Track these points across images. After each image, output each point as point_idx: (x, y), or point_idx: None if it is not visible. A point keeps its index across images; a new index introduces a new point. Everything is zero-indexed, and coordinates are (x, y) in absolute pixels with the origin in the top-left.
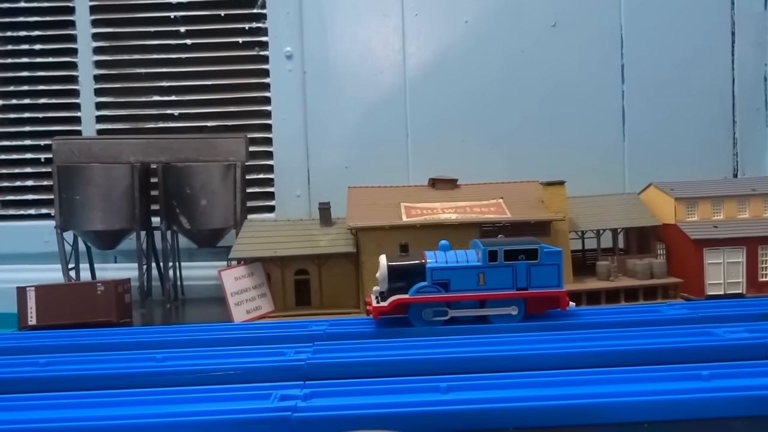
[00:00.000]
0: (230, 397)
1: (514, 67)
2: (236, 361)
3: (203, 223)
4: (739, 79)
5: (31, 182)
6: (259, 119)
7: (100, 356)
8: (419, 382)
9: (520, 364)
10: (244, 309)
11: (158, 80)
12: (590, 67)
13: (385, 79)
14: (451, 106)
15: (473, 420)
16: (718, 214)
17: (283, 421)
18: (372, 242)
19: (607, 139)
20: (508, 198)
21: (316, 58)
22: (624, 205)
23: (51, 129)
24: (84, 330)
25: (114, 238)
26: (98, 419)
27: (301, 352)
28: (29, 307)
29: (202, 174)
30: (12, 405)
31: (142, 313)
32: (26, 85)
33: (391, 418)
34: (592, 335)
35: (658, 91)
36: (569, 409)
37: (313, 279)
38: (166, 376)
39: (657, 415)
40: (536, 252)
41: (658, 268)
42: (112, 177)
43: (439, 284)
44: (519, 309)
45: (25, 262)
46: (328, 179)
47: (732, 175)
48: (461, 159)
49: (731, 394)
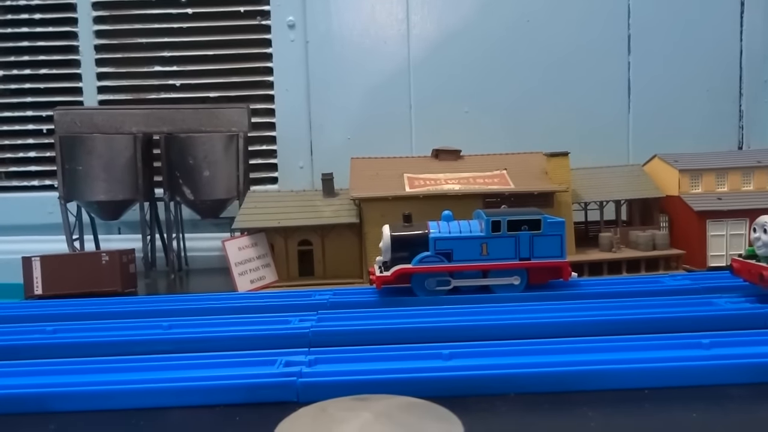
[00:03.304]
0: (236, 363)
1: (519, 37)
2: (242, 329)
3: (206, 194)
4: (747, 51)
5: (34, 153)
6: (261, 90)
7: (107, 324)
8: (422, 349)
9: (523, 333)
10: (248, 279)
11: (159, 50)
12: (596, 37)
13: (388, 50)
14: (454, 77)
15: (475, 386)
16: (722, 186)
17: (289, 386)
18: (375, 213)
19: (612, 110)
20: (512, 169)
21: (318, 28)
22: (627, 177)
23: (52, 100)
24: (90, 299)
25: (117, 208)
26: (107, 384)
27: (306, 320)
28: (35, 277)
29: (205, 145)
30: (22, 371)
31: (146, 283)
32: (27, 56)
33: (395, 383)
34: (593, 305)
35: (664, 63)
36: (570, 375)
37: (317, 249)
38: (173, 343)
39: (657, 381)
40: (539, 222)
41: (660, 239)
42: (114, 147)
43: (442, 254)
44: (521, 279)
45: (29, 233)
46: (331, 150)
47: (737, 147)
48: (465, 130)
49: (731, 362)
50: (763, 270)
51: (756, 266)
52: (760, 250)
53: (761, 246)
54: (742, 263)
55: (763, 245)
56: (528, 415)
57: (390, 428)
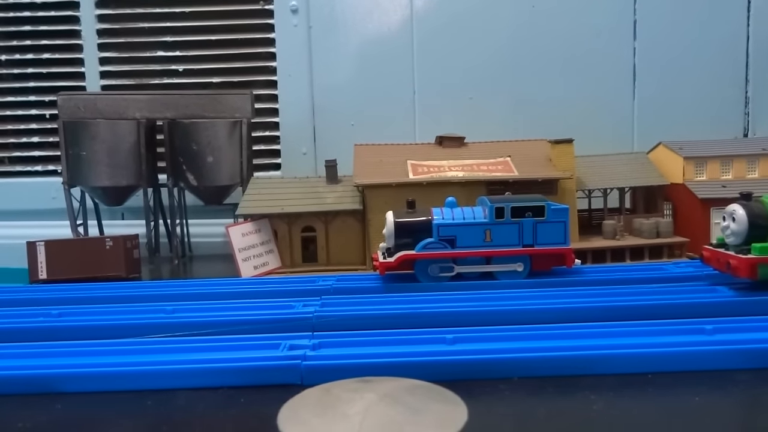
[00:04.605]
0: (241, 346)
1: (523, 23)
2: (245, 314)
3: (210, 180)
4: (754, 37)
5: (37, 138)
6: (264, 75)
7: (112, 308)
8: (425, 333)
9: (526, 318)
10: (252, 265)
11: (162, 35)
12: (602, 23)
13: (392, 35)
14: (458, 63)
15: (479, 369)
16: (726, 174)
17: (293, 369)
18: (378, 199)
19: (617, 97)
20: (516, 156)
21: (321, 13)
22: (632, 164)
23: (55, 84)
24: (94, 283)
25: (121, 194)
26: (113, 365)
27: (309, 305)
28: (39, 262)
29: (208, 130)
30: (28, 352)
31: (150, 269)
32: (29, 40)
33: (399, 366)
34: (597, 291)
35: (670, 49)
36: (574, 359)
37: (320, 236)
38: (177, 327)
39: (661, 366)
40: (543, 209)
41: (664, 227)
42: (118, 133)
43: (446, 240)
44: (525, 265)
45: (33, 218)
46: (335, 136)
47: (742, 134)
48: (469, 117)
49: (733, 347)
50: (730, 258)
51: (724, 255)
52: (729, 239)
53: (730, 234)
54: (712, 252)
55: (732, 234)
56: (531, 398)
57: (394, 409)
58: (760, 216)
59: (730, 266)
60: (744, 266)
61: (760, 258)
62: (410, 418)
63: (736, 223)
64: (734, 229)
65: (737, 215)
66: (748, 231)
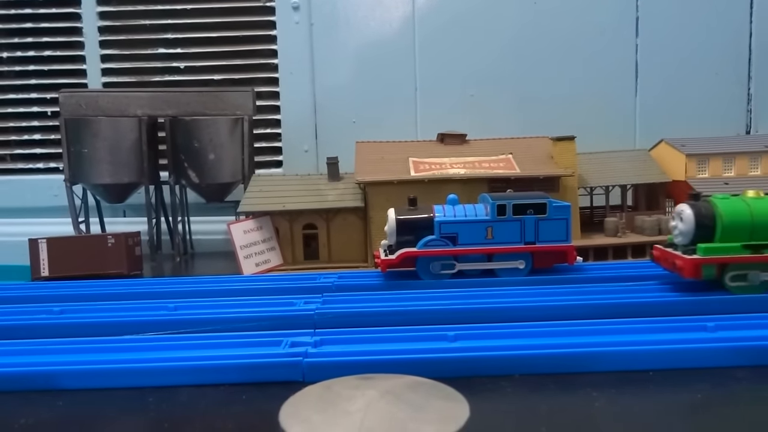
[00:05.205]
0: (242, 343)
1: (525, 20)
2: (247, 311)
3: (211, 178)
4: (757, 34)
5: (39, 136)
6: (265, 73)
7: (114, 305)
8: (427, 331)
9: (528, 315)
10: (253, 262)
11: (163, 32)
12: (604, 20)
13: (394, 32)
14: (460, 60)
15: (481, 366)
16: (729, 171)
17: (295, 366)
18: (380, 197)
19: (619, 94)
20: (518, 153)
21: (323, 10)
22: (634, 162)
23: (56, 82)
24: (96, 280)
25: (122, 191)
26: (115, 362)
27: (311, 302)
28: (41, 259)
29: (210, 128)
30: (30, 349)
31: (152, 266)
32: (30, 37)
33: (400, 363)
34: (598, 288)
35: (672, 46)
36: (576, 356)
37: (321, 233)
38: (179, 324)
39: (662, 363)
40: (545, 206)
41: (666, 224)
42: (119, 130)
43: (447, 238)
44: (526, 263)
45: (35, 215)
46: (336, 134)
47: (745, 131)
48: (470, 114)
49: (735, 344)
50: (676, 258)
51: (671, 254)
52: (677, 239)
53: (678, 234)
54: (662, 251)
55: (680, 234)
56: (533, 395)
57: (396, 406)
58: (706, 216)
59: (676, 266)
60: (689, 266)
61: (704, 258)
62: (412, 415)
63: (684, 223)
64: (681, 229)
65: (684, 215)
66: (695, 231)
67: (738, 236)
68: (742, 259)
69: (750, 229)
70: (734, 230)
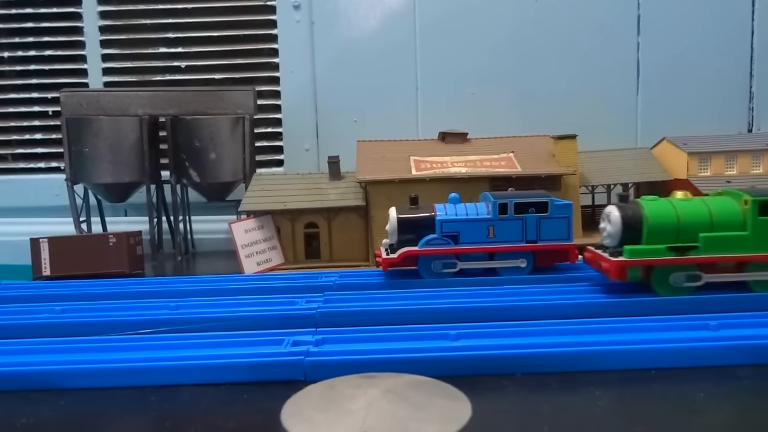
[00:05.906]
0: (244, 342)
1: (526, 18)
2: (248, 310)
3: (213, 177)
4: (759, 32)
5: (40, 135)
6: (266, 72)
7: (116, 304)
8: (429, 329)
9: (530, 314)
10: (255, 261)
11: (164, 31)
12: (605, 18)
13: (394, 31)
14: (461, 59)
15: (483, 365)
16: (731, 169)
17: (297, 365)
18: (381, 195)
19: (621, 92)
20: (519, 152)
21: (324, 8)
22: (635, 160)
23: (58, 81)
24: (98, 280)
25: (124, 191)
26: (116, 362)
27: (312, 301)
28: (43, 259)
29: (211, 127)
30: (32, 348)
31: (153, 266)
32: (31, 37)
33: (402, 362)
34: (600, 287)
35: (674, 44)
36: (578, 355)
37: (323, 232)
38: (180, 323)
39: (665, 362)
40: (547, 205)
41: None
42: (120, 129)
43: (449, 236)
44: (528, 262)
45: (36, 215)
46: (337, 133)
47: (747, 129)
48: (472, 112)
49: (737, 343)
50: (602, 260)
51: (599, 256)
52: (605, 240)
53: (606, 236)
54: (593, 253)
55: (608, 236)
56: (535, 394)
57: (398, 405)
58: (633, 218)
59: (602, 267)
60: (614, 269)
61: (630, 261)
62: (414, 414)
63: (611, 225)
64: (609, 231)
65: (612, 217)
66: (622, 233)
67: (664, 238)
68: (667, 261)
69: (676, 231)
70: (660, 232)
